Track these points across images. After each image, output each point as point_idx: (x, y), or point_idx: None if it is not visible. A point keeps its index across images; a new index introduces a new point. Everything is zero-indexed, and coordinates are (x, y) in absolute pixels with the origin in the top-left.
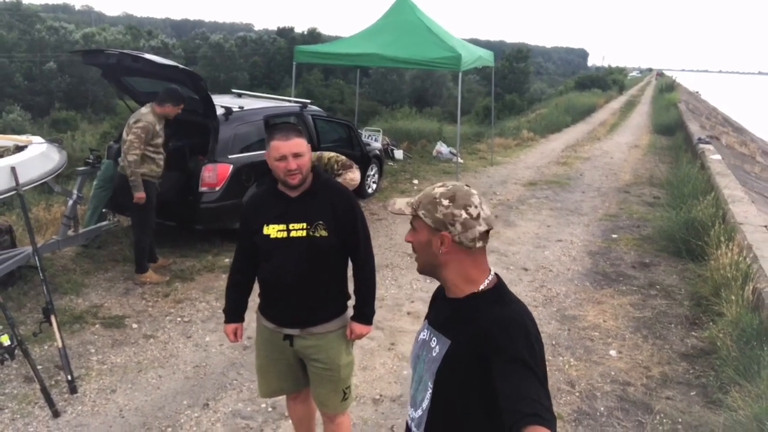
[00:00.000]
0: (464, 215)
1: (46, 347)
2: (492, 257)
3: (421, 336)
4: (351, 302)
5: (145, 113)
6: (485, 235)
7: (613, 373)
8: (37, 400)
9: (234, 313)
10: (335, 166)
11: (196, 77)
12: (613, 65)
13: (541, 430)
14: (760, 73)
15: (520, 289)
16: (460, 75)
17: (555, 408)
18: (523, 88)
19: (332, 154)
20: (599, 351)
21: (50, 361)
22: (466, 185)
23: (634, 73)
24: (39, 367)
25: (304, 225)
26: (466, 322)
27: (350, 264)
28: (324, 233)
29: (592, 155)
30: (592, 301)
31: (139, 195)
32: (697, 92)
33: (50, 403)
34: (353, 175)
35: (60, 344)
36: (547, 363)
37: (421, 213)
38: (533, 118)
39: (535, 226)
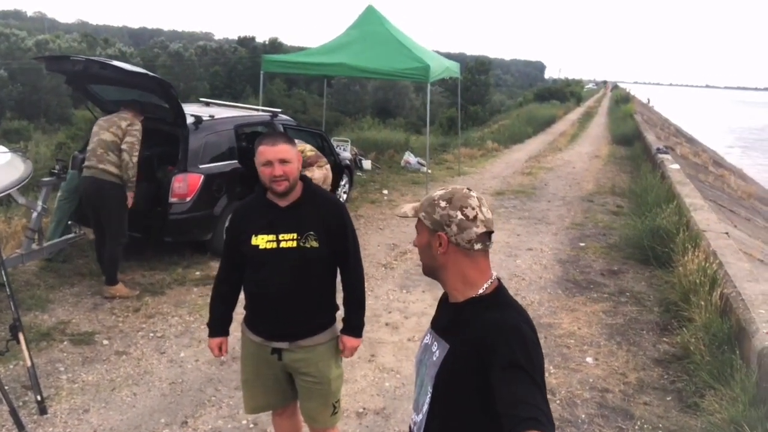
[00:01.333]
0: (459, 216)
1: (11, 366)
2: None
3: (424, 340)
4: (339, 313)
5: (132, 117)
6: (484, 238)
7: (591, 380)
8: (5, 423)
9: (219, 326)
10: None
11: (166, 85)
12: (570, 77)
13: None
14: (707, 86)
15: None
16: (429, 86)
17: None
18: (485, 99)
19: (301, 146)
20: (576, 358)
21: (17, 381)
22: (467, 188)
23: (590, 85)
24: (6, 387)
25: (295, 235)
26: (464, 327)
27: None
28: (315, 244)
29: (555, 165)
30: (565, 309)
31: (132, 194)
32: (648, 100)
33: (19, 425)
34: (317, 175)
35: (29, 363)
36: None
37: (421, 215)
38: (497, 129)
39: (505, 235)
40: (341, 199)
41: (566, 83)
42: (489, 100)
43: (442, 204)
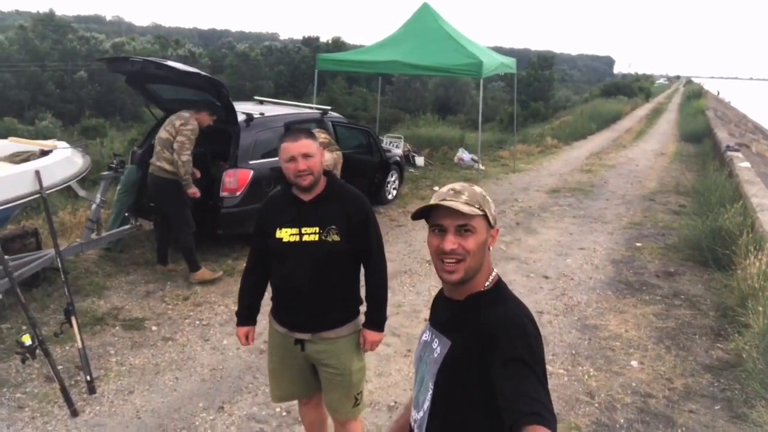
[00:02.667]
0: (495, 210)
1: (67, 348)
2: (512, 265)
3: (423, 337)
4: (363, 308)
5: (189, 117)
6: None
7: (634, 384)
8: (57, 400)
9: (246, 315)
10: None
11: (218, 84)
12: (640, 73)
13: (541, 430)
14: None
15: (540, 297)
16: (482, 82)
17: (573, 419)
18: (548, 95)
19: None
20: (620, 361)
21: (70, 361)
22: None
23: (661, 80)
24: (59, 367)
25: (317, 229)
26: (466, 322)
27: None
28: (336, 238)
29: (617, 163)
30: (614, 311)
31: (193, 191)
32: (718, 92)
33: (69, 402)
34: (326, 157)
35: (80, 345)
36: (566, 373)
37: (486, 211)
38: (557, 126)
39: (557, 234)
40: (390, 195)
41: (635, 78)
42: (552, 96)
43: (489, 199)
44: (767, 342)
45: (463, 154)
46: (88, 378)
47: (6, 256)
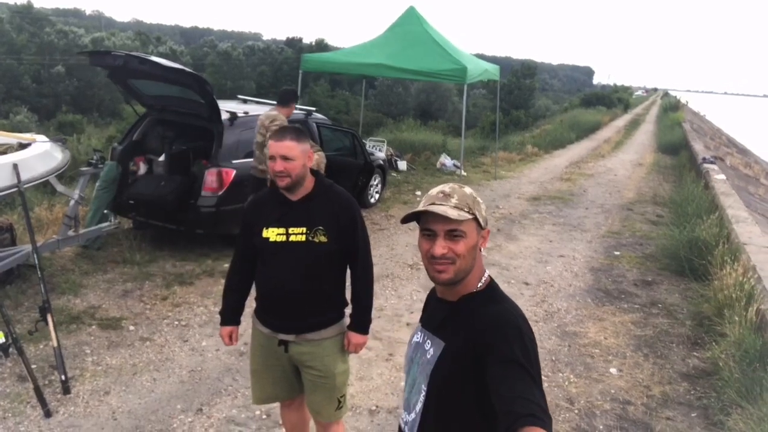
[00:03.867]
0: (485, 211)
1: (41, 346)
2: (493, 271)
3: (414, 339)
4: (348, 310)
5: (277, 114)
6: None
7: (613, 391)
8: (30, 400)
9: (230, 315)
10: None
11: (202, 81)
12: (619, 84)
13: (537, 431)
14: (765, 95)
15: (520, 303)
16: (465, 87)
17: (553, 425)
18: (529, 104)
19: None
20: (599, 368)
21: (45, 360)
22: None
23: (639, 92)
24: (33, 366)
25: (304, 230)
26: (460, 323)
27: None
28: (323, 239)
29: (596, 172)
30: (593, 318)
31: None
32: (687, 102)
33: (43, 402)
34: None
35: (55, 343)
36: (546, 379)
37: (476, 214)
38: (538, 134)
39: (538, 241)
40: (373, 199)
41: (614, 89)
42: (533, 104)
43: (479, 200)
44: (743, 351)
45: (446, 160)
46: (63, 378)
47: None
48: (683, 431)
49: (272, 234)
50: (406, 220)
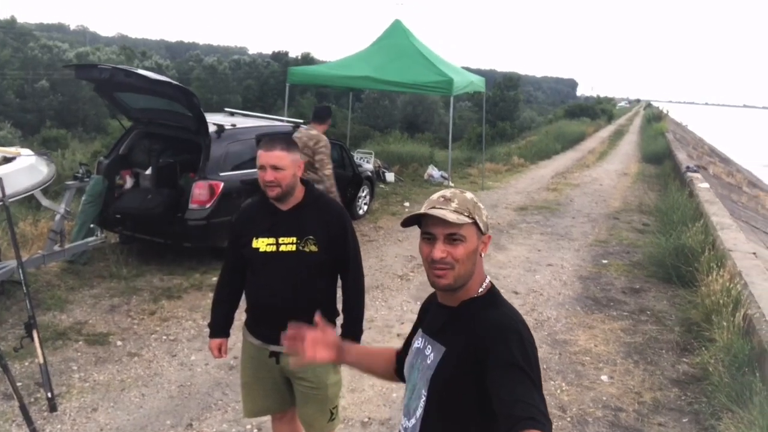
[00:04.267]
0: (487, 216)
1: (27, 363)
2: None
3: (414, 344)
4: (339, 320)
5: (317, 134)
6: None
7: (604, 398)
8: (15, 418)
9: (219, 327)
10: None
11: (189, 93)
12: (602, 95)
13: None
14: (745, 106)
15: None
16: (452, 99)
17: None
18: (514, 115)
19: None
20: (590, 376)
21: (31, 377)
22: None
23: (622, 104)
24: (19, 383)
25: (294, 239)
26: (460, 328)
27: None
28: (314, 248)
29: (582, 182)
30: (583, 326)
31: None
32: (667, 112)
33: (29, 421)
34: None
35: (41, 360)
36: None
37: (476, 218)
38: (524, 145)
39: (526, 250)
40: (361, 211)
41: (598, 101)
42: (518, 116)
43: (480, 205)
44: (732, 356)
45: (433, 171)
46: (50, 395)
47: None
48: None
49: (262, 244)
50: (406, 223)
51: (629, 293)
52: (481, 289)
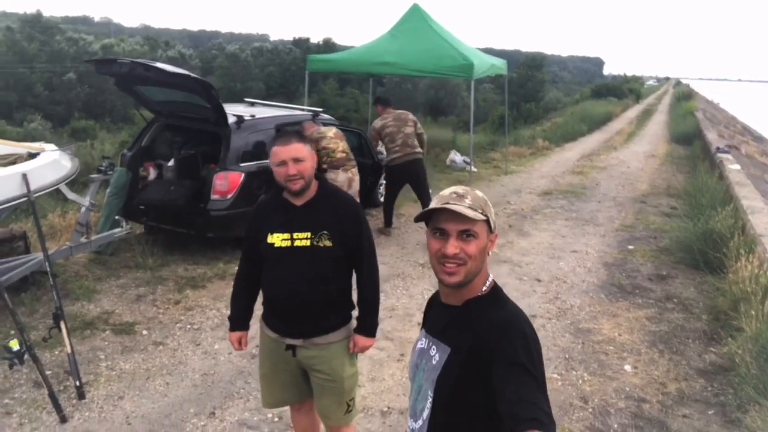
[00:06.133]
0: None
1: (56, 352)
2: (505, 268)
3: (418, 345)
4: (355, 313)
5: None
6: None
7: (627, 388)
8: (45, 405)
9: (239, 320)
10: (324, 159)
11: (207, 86)
12: (630, 74)
13: None
14: None
15: (533, 300)
16: (473, 83)
17: (567, 424)
18: (539, 96)
19: (333, 145)
20: (614, 366)
21: (60, 366)
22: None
23: (651, 82)
24: (48, 372)
25: (308, 234)
26: (465, 327)
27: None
28: (328, 243)
29: (609, 165)
30: (607, 314)
31: None
32: (696, 90)
33: (58, 408)
34: (340, 178)
35: (69, 350)
36: (559, 378)
37: (488, 216)
38: (549, 127)
39: (550, 236)
40: (381, 198)
41: (625, 80)
42: (543, 97)
43: (489, 203)
44: (760, 346)
45: (455, 156)
46: (78, 383)
47: None
48: (700, 429)
49: (277, 239)
50: (419, 218)
51: (655, 280)
52: (485, 287)
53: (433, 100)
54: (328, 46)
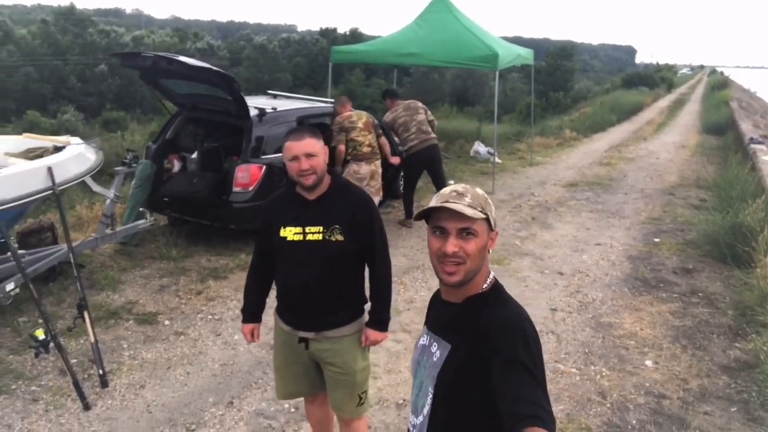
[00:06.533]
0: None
1: (81, 341)
2: (527, 261)
3: (420, 341)
4: (368, 306)
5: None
6: None
7: (647, 384)
8: (70, 393)
9: (251, 313)
10: (349, 150)
11: (229, 79)
12: (663, 62)
13: (539, 431)
14: None
15: (554, 293)
16: (497, 74)
17: (584, 419)
18: (568, 86)
19: (360, 138)
20: (634, 360)
21: (85, 355)
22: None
23: (684, 71)
24: (74, 360)
25: (321, 228)
26: (465, 325)
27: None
28: (340, 237)
29: (637, 155)
30: (629, 308)
31: None
32: (722, 73)
33: (81, 396)
34: (363, 170)
35: (92, 339)
36: (578, 372)
37: (488, 214)
38: (577, 118)
39: (574, 229)
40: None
41: (657, 68)
42: (573, 86)
43: (490, 201)
44: None
45: (479, 147)
46: (101, 372)
47: (22, 251)
48: (721, 427)
49: (289, 233)
50: (418, 217)
51: (681, 274)
52: (485, 285)
53: (461, 90)
54: (355, 36)
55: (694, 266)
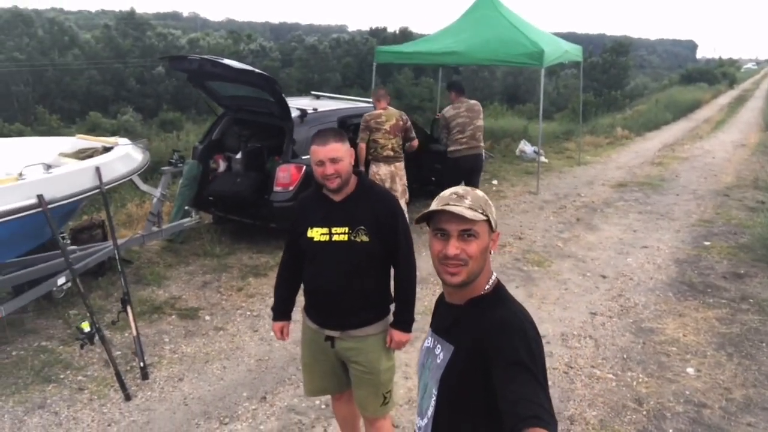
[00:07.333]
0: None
1: (126, 334)
2: (568, 263)
3: (425, 344)
4: (393, 307)
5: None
6: None
7: (687, 392)
8: (113, 384)
9: (281, 311)
10: (371, 151)
11: (271, 80)
12: (725, 57)
13: None
14: None
15: (595, 297)
16: (542, 71)
17: (618, 426)
18: (623, 83)
19: (383, 141)
20: (675, 368)
21: (128, 347)
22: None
23: (749, 65)
24: (117, 353)
25: (346, 229)
26: (468, 326)
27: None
28: (365, 238)
29: (692, 155)
30: (673, 314)
31: None
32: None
33: (123, 387)
34: (382, 170)
35: (134, 332)
36: (614, 378)
37: (489, 216)
38: (630, 116)
39: (620, 231)
40: None
41: (719, 64)
42: (628, 83)
43: (490, 202)
44: None
45: (525, 146)
46: (142, 364)
47: (73, 247)
48: None
49: (316, 234)
50: (420, 220)
51: (731, 278)
52: (487, 287)
53: (511, 88)
54: (405, 35)
55: (746, 271)
